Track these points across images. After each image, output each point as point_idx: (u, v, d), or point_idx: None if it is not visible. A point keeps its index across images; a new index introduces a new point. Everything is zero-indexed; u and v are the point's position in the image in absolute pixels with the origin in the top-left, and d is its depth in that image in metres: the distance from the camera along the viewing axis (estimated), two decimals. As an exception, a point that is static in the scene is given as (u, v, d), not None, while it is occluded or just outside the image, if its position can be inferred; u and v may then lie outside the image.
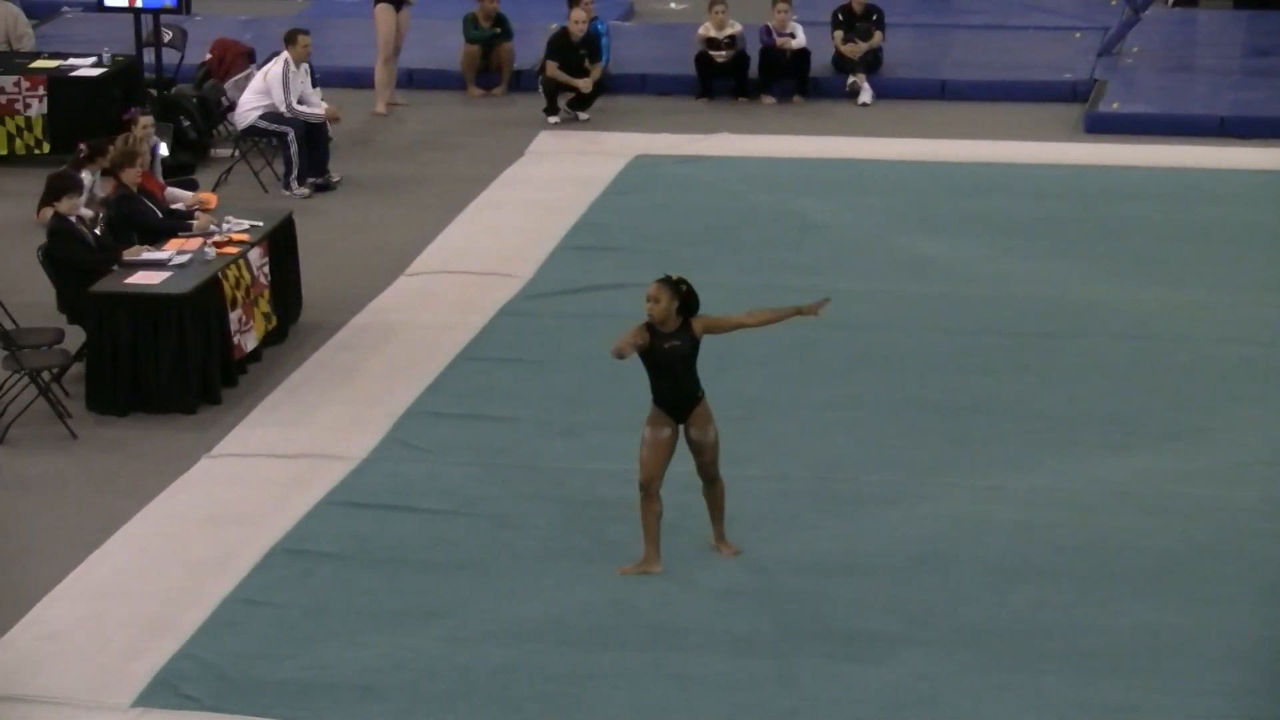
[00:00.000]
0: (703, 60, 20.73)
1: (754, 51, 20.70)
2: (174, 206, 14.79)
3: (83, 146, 15.54)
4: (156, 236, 13.99)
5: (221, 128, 19.10)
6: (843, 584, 10.80)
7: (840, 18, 21.12)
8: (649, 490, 10.72)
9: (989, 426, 12.83)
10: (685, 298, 10.58)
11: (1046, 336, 14.25)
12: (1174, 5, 24.31)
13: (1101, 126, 19.60)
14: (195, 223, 14.21)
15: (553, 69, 19.95)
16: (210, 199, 15.37)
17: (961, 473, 12.16)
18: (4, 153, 18.53)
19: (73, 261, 13.60)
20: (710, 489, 11.02)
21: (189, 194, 15.41)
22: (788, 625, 10.40)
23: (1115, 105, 19.86)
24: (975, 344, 14.13)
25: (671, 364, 10.59)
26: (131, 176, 14.14)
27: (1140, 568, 10.98)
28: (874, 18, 21.13)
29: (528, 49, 21.20)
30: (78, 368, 13.41)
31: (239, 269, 13.75)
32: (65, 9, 23.78)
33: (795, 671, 9.96)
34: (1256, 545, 11.24)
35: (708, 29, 20.72)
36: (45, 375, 13.06)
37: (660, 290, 10.55)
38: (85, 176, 14.89)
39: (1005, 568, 10.97)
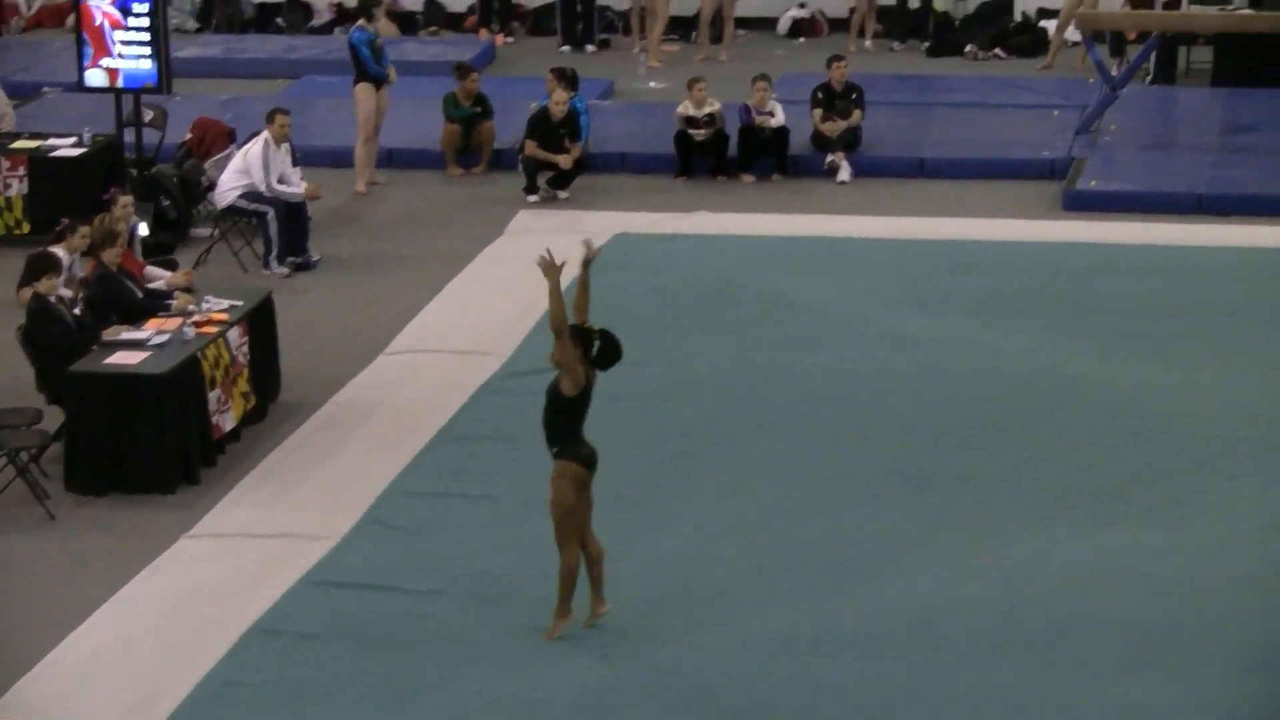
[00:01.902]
0: (682, 139, 20.75)
1: (733, 130, 20.72)
2: (153, 286, 14.75)
3: (65, 220, 15.54)
4: (136, 316, 13.96)
5: (201, 207, 19.08)
6: (827, 659, 10.73)
7: (820, 95, 21.16)
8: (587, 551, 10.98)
9: (974, 500, 12.78)
10: (598, 350, 10.75)
11: (1030, 411, 14.20)
12: (1151, 83, 24.41)
13: (1080, 204, 19.60)
14: (174, 302, 14.17)
15: (532, 147, 19.98)
16: (188, 275, 15.32)
17: (947, 547, 12.11)
18: (-15, 232, 18.50)
19: (52, 341, 13.54)
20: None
21: (168, 273, 15.36)
22: (772, 701, 10.33)
23: (1094, 183, 19.89)
24: (959, 419, 14.08)
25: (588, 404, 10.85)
26: (112, 256, 14.11)
27: (1126, 643, 10.93)
28: (853, 96, 21.17)
29: (508, 128, 21.23)
30: (56, 448, 13.34)
31: (218, 349, 13.70)
32: (46, 89, 23.78)
33: (780, 749, 9.91)
34: (1240, 621, 11.19)
35: (687, 107, 20.75)
36: (24, 455, 12.97)
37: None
38: (64, 256, 14.85)
39: (992, 642, 10.92)
